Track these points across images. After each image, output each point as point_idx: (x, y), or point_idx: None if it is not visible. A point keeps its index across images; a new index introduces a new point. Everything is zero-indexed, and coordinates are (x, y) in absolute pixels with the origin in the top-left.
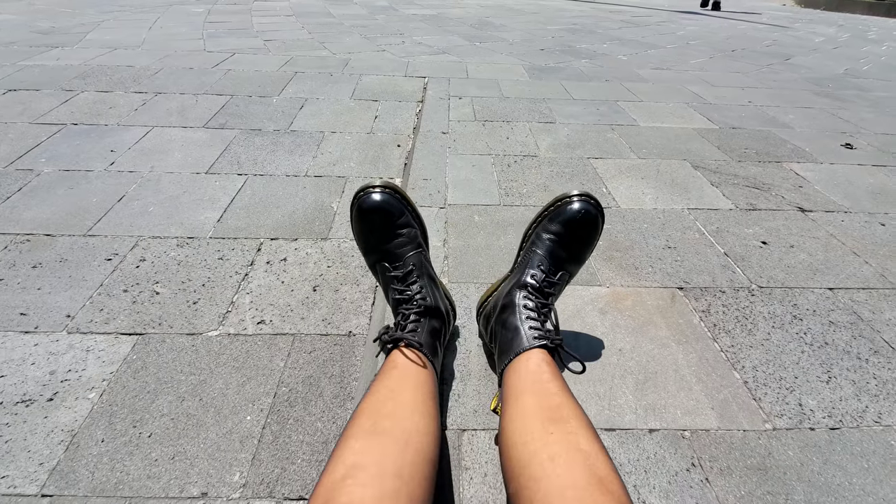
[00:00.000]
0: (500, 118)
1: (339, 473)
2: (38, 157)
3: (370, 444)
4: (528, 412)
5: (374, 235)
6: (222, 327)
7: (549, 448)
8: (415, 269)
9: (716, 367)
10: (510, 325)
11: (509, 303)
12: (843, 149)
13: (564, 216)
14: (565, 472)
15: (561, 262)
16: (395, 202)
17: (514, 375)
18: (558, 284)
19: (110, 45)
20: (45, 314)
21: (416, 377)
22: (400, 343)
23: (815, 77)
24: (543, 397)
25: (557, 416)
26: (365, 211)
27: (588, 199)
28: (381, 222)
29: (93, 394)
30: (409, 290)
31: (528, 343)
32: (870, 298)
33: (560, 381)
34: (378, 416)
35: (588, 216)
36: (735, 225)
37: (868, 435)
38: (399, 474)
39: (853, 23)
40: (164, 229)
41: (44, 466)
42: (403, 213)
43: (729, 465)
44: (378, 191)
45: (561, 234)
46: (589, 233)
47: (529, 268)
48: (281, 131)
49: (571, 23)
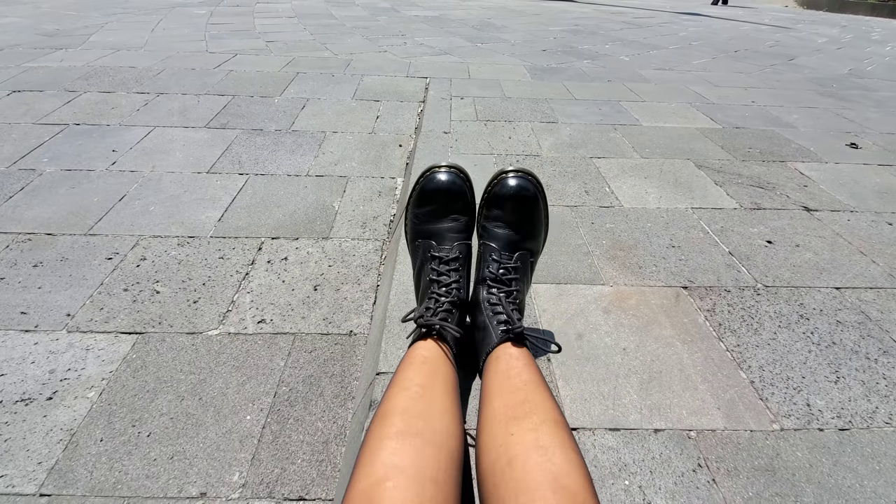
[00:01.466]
0: (502, 118)
1: (376, 475)
2: (40, 156)
3: (406, 446)
4: (495, 415)
5: (435, 213)
6: (223, 326)
7: (509, 451)
8: (461, 257)
9: (721, 367)
10: (480, 323)
11: (475, 301)
12: (848, 148)
13: (499, 197)
14: (520, 475)
15: (514, 244)
16: (466, 188)
17: (486, 377)
18: (519, 267)
19: (113, 46)
20: (45, 313)
21: (444, 375)
22: (433, 331)
23: (818, 77)
24: (508, 395)
25: (520, 413)
26: (432, 189)
27: (517, 173)
28: (447, 202)
29: (92, 393)
30: (447, 277)
31: (496, 339)
32: (878, 298)
33: (529, 373)
34: (410, 415)
35: (522, 191)
36: (739, 224)
37: (879, 436)
38: (435, 479)
39: (856, 24)
40: (164, 228)
41: (42, 465)
42: (469, 200)
43: (736, 466)
44: (453, 171)
45: (501, 217)
46: (528, 207)
47: (484, 262)
48: (282, 131)
49: (573, 24)
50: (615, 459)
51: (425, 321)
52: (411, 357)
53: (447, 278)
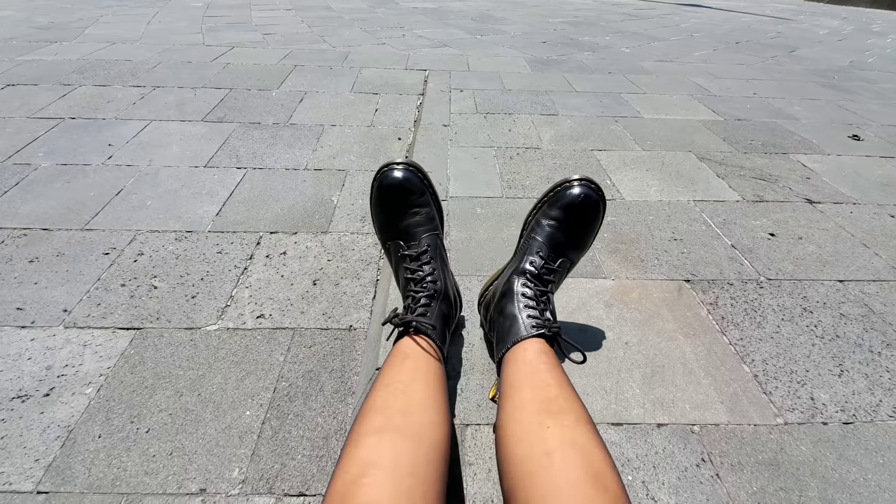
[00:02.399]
0: (502, 110)
1: (353, 472)
2: (35, 151)
3: (384, 441)
4: (525, 405)
5: (393, 212)
6: (221, 321)
7: (546, 443)
8: (429, 249)
9: (725, 361)
10: (508, 312)
11: (507, 290)
12: (851, 140)
13: (564, 201)
14: (561, 469)
15: (561, 248)
16: (417, 180)
17: (511, 365)
18: (558, 272)
19: (109, 39)
20: (41, 309)
21: (427, 368)
22: (410, 327)
23: (820, 69)
24: (540, 389)
25: (554, 409)
26: (385, 186)
27: (589, 184)
28: (401, 199)
29: (90, 389)
30: (420, 271)
31: (525, 332)
32: (881, 290)
33: (558, 372)
34: (390, 411)
35: (588, 201)
36: (742, 217)
37: (883, 429)
38: (414, 472)
39: (857, 15)
40: (162, 223)
41: (40, 463)
42: (424, 192)
43: (740, 461)
44: (401, 168)
45: (560, 220)
46: (589, 218)
47: (528, 254)
48: (280, 124)
49: (573, 15)
50: (618, 454)
51: (400, 320)
52: (393, 355)
53: (421, 272)
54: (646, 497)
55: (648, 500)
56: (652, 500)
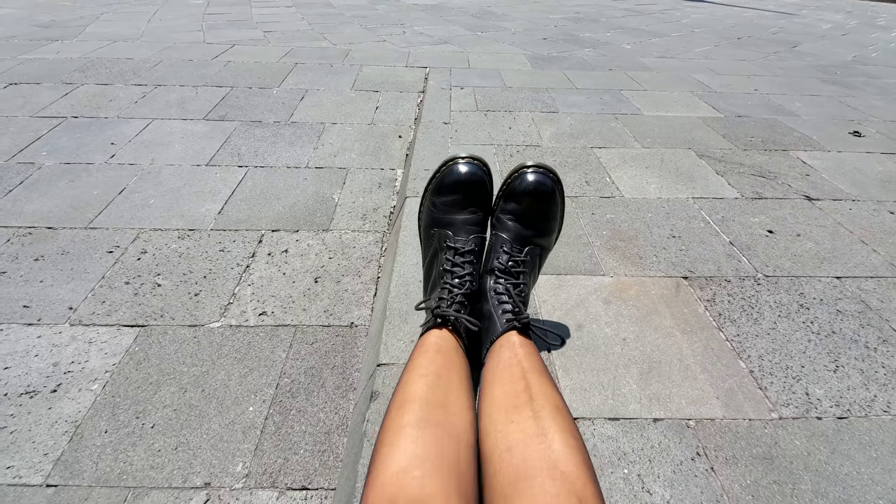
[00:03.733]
0: (503, 108)
1: (401, 463)
2: (39, 150)
3: (428, 435)
4: (495, 403)
5: (455, 204)
6: (224, 319)
7: (508, 438)
8: (476, 250)
9: (721, 357)
10: (485, 312)
11: (482, 290)
12: (851, 136)
13: (518, 191)
14: (519, 462)
15: (525, 238)
16: (488, 183)
17: (488, 365)
18: (527, 261)
19: (110, 37)
20: (47, 306)
21: (459, 366)
22: (448, 322)
23: (822, 64)
24: (508, 384)
25: (520, 402)
26: (459, 177)
27: (538, 169)
28: (469, 194)
29: (96, 385)
30: (461, 268)
31: (500, 328)
32: (878, 287)
33: (531, 361)
34: (430, 404)
35: (541, 187)
36: (741, 214)
37: (877, 424)
38: (458, 469)
39: (861, 9)
40: (165, 221)
41: (48, 457)
42: (490, 195)
43: (734, 455)
44: (477, 164)
45: (517, 211)
46: (546, 204)
47: (493, 252)
48: (281, 123)
49: (574, 11)
50: (614, 448)
51: (442, 311)
52: (425, 345)
53: (461, 270)
54: (641, 490)
55: (644, 494)
56: (647, 493)
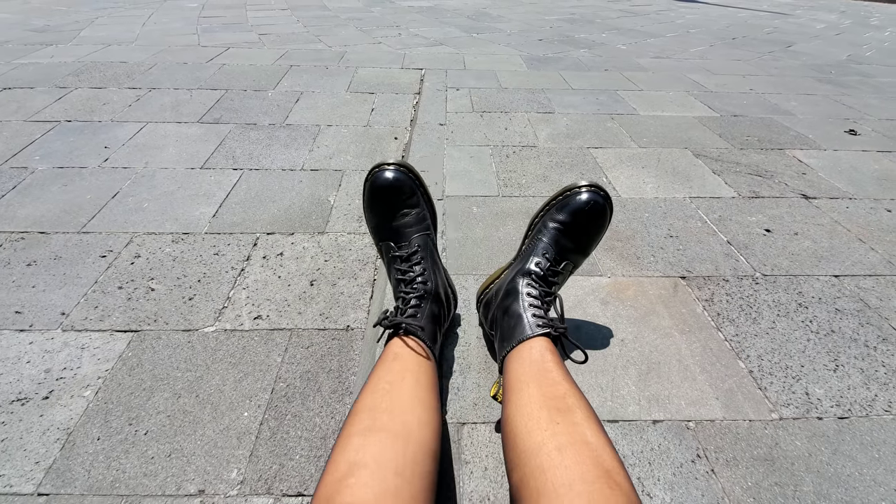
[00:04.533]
0: (499, 109)
1: (339, 472)
2: (32, 154)
3: (369, 441)
4: (533, 401)
5: (384, 213)
6: (218, 323)
7: (556, 438)
8: (419, 250)
9: (720, 357)
10: (513, 312)
11: (512, 290)
12: (847, 135)
13: (572, 206)
14: (573, 464)
15: (565, 251)
16: (408, 181)
17: (516, 363)
18: (562, 274)
19: (104, 41)
20: (39, 312)
21: (416, 368)
22: (400, 329)
23: (817, 64)
24: (547, 386)
25: (563, 406)
26: (377, 187)
27: (598, 191)
28: (392, 200)
29: (88, 391)
30: (411, 272)
31: (531, 331)
32: (877, 285)
33: (563, 371)
34: (376, 411)
35: (596, 207)
36: (738, 213)
37: (878, 424)
38: (400, 472)
39: (855, 9)
40: (158, 225)
41: (40, 465)
42: (415, 192)
43: (735, 456)
44: (392, 168)
45: (567, 224)
46: (596, 224)
47: (534, 255)
48: (276, 125)
49: (570, 12)
50: None
51: (389, 322)
52: (384, 356)
53: (412, 273)
54: (641, 493)
55: (644, 497)
56: (647, 496)
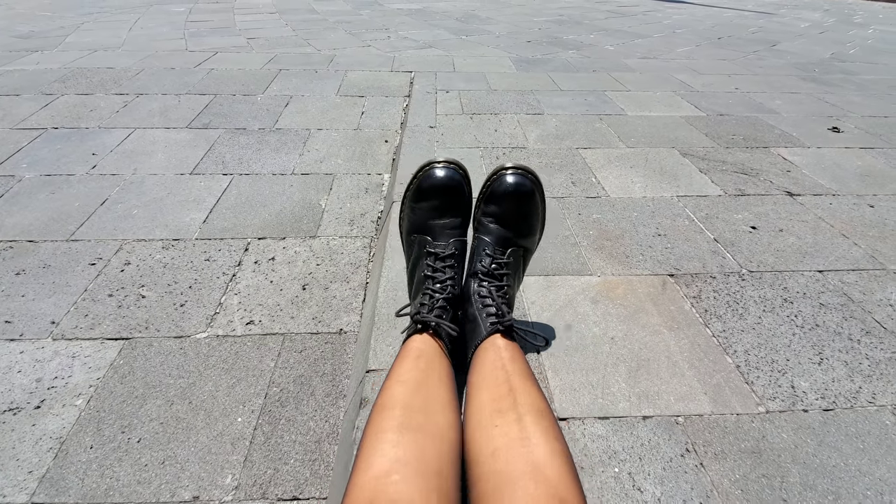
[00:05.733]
0: (488, 111)
1: (381, 468)
2: (18, 162)
3: (408, 439)
4: (479, 407)
5: (432, 209)
6: (210, 329)
7: (492, 442)
8: (457, 254)
9: (708, 353)
10: (470, 315)
11: (466, 294)
12: (831, 132)
13: (497, 193)
14: (503, 467)
15: (507, 240)
16: (465, 186)
17: (474, 369)
18: (511, 262)
19: (90, 47)
20: (29, 321)
21: (440, 369)
22: (429, 327)
23: (801, 62)
24: (493, 388)
25: (504, 406)
26: (437, 183)
27: (517, 170)
28: (445, 199)
29: (80, 400)
30: (442, 273)
31: (484, 331)
32: (860, 280)
33: (515, 364)
34: (410, 409)
35: (521, 188)
36: (724, 211)
37: (862, 415)
38: (439, 472)
39: (839, 7)
40: (148, 232)
41: (33, 474)
42: (469, 200)
43: (723, 450)
44: (453, 168)
45: (498, 214)
46: (526, 205)
47: (477, 255)
48: (266, 130)
49: (558, 14)
50: (605, 447)
51: (421, 317)
52: (407, 351)
53: (442, 275)
54: (632, 488)
55: (635, 491)
56: (638, 490)
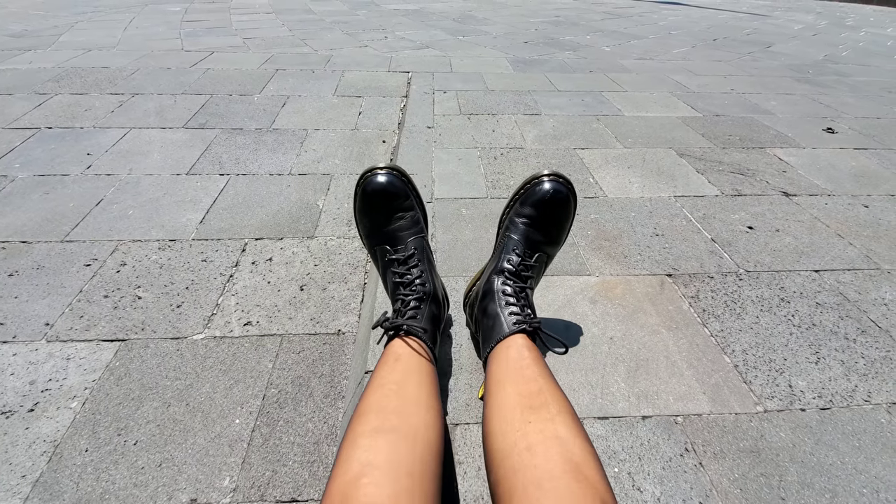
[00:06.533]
0: (486, 111)
1: (352, 472)
2: (11, 162)
3: (381, 442)
4: (508, 401)
5: (378, 217)
6: (208, 330)
7: (527, 438)
8: (416, 252)
9: (706, 352)
10: (490, 312)
11: (489, 290)
12: (825, 133)
13: (535, 198)
14: (542, 463)
15: (536, 244)
16: (400, 184)
17: (495, 364)
18: (535, 267)
19: (84, 46)
20: (23, 323)
21: (419, 369)
22: (401, 330)
23: (795, 64)
24: (523, 384)
25: (536, 403)
26: (369, 192)
27: (557, 179)
28: (385, 204)
29: (75, 403)
30: (409, 274)
31: (507, 329)
32: (855, 279)
33: (540, 366)
34: (385, 412)
35: (558, 196)
36: (721, 211)
37: (858, 414)
38: (411, 472)
39: (831, 10)
40: (144, 232)
41: (27, 479)
42: (408, 195)
43: (722, 449)
44: (383, 172)
45: (533, 217)
46: (561, 213)
47: (505, 253)
48: (263, 130)
49: (554, 15)
50: (604, 447)
51: (391, 324)
52: (385, 356)
53: (409, 276)
54: (632, 488)
55: (634, 491)
56: (638, 490)
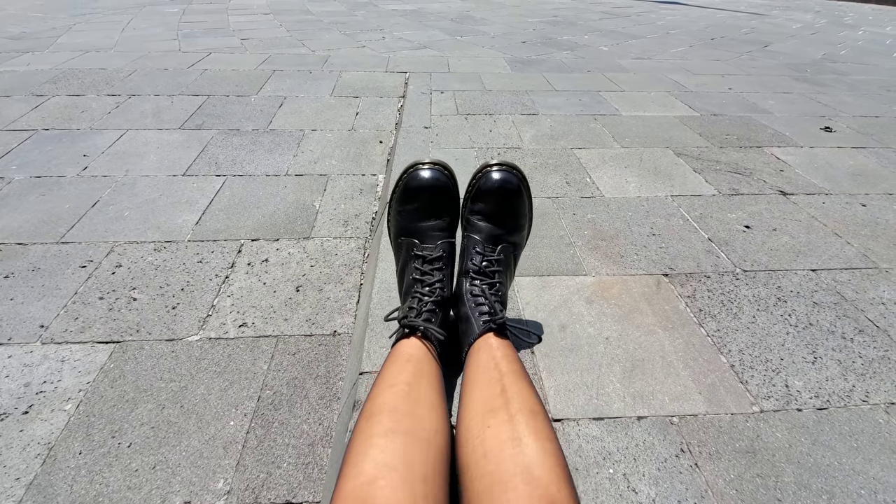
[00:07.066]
0: (483, 111)
1: (367, 474)
2: (8, 164)
3: (396, 444)
4: (472, 407)
5: (418, 212)
6: (203, 332)
7: (484, 444)
8: (445, 256)
9: (702, 352)
10: (463, 315)
11: (458, 293)
12: (823, 132)
13: (483, 190)
14: (494, 469)
15: (497, 237)
16: (451, 186)
17: (467, 368)
18: (502, 259)
19: (82, 48)
20: (18, 325)
21: (430, 373)
22: (418, 330)
23: (793, 63)
24: (486, 388)
25: (497, 405)
26: (420, 184)
27: (502, 167)
28: (431, 201)
29: (69, 405)
30: (431, 276)
31: (477, 330)
32: (853, 278)
33: (507, 363)
34: (398, 413)
35: (507, 185)
36: (718, 210)
37: (856, 414)
38: (425, 477)
39: (829, 8)
40: (140, 234)
41: (20, 481)
42: (455, 199)
43: (718, 450)
44: (437, 169)
45: (485, 211)
46: (513, 201)
47: (467, 254)
48: (260, 130)
49: (552, 15)
50: (599, 448)
51: (409, 322)
52: (396, 355)
53: (431, 277)
54: (627, 489)
55: (629, 493)
56: (633, 491)
